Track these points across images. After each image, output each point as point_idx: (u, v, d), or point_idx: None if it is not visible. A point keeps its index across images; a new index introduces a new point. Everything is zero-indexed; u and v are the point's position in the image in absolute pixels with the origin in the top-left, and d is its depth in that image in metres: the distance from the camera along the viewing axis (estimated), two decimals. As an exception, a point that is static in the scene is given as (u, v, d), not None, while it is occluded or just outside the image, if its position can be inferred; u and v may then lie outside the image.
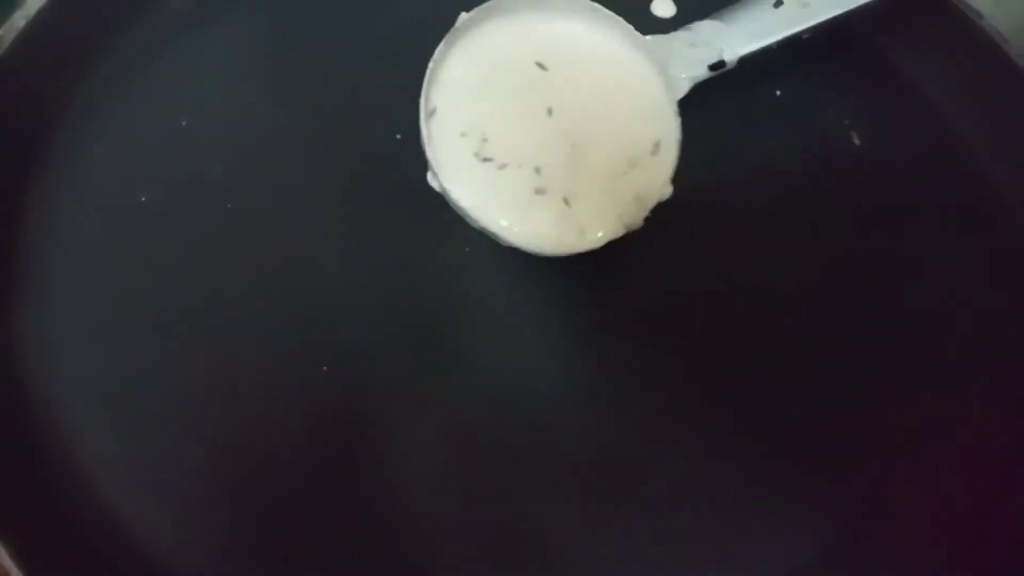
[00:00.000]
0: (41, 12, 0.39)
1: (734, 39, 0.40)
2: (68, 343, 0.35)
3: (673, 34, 0.40)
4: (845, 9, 0.41)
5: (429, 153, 0.36)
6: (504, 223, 0.36)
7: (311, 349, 0.36)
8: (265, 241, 0.38)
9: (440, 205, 0.37)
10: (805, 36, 0.41)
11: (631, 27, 0.38)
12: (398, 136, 0.41)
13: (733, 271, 0.39)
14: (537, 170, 0.36)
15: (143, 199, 0.39)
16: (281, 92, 0.42)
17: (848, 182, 0.42)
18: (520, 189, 0.36)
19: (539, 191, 0.36)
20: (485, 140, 0.37)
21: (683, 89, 0.39)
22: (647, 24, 0.40)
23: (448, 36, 0.37)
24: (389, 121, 0.41)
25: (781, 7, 0.41)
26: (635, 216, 0.37)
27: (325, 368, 0.36)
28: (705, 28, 0.41)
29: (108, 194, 0.39)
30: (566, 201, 0.36)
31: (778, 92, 0.45)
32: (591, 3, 0.38)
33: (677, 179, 0.40)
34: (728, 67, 0.40)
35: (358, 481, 0.34)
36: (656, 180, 0.38)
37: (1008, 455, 0.36)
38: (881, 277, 0.40)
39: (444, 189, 0.36)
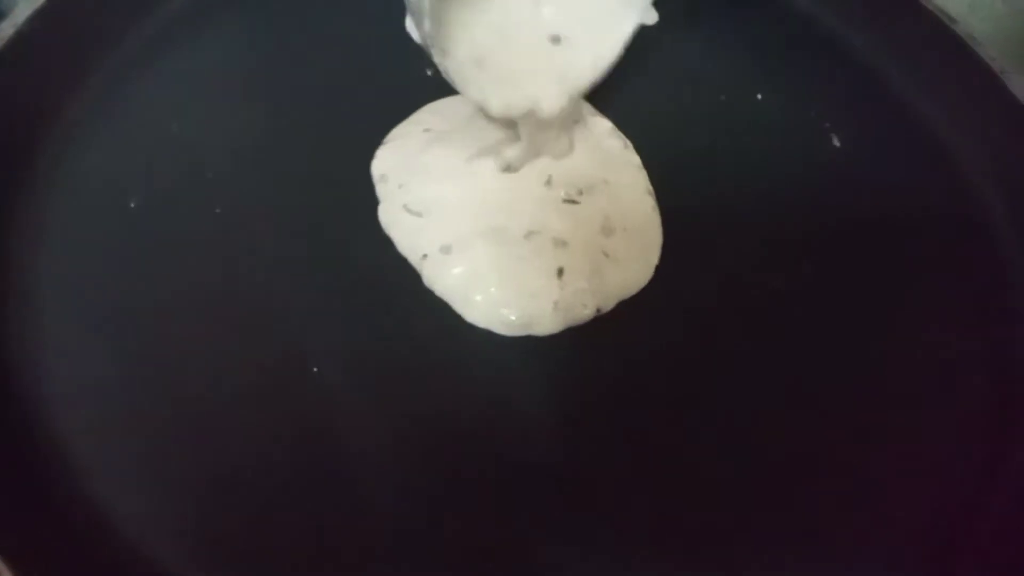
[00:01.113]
0: (29, 22, 0.40)
1: None
2: (59, 346, 0.35)
3: None
4: None
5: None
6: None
7: (300, 351, 0.36)
8: (254, 246, 0.38)
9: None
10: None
11: None
12: (388, 141, 0.41)
13: (716, 275, 0.39)
14: None
15: (133, 205, 0.39)
16: (271, 98, 0.43)
17: (829, 183, 0.43)
18: None
19: None
20: None
21: None
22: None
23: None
24: (381, 126, 0.42)
25: None
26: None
27: (315, 369, 0.35)
28: None
29: (99, 200, 0.39)
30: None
31: (759, 96, 0.45)
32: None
33: (659, 181, 0.41)
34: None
35: (344, 484, 0.33)
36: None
37: (999, 456, 0.36)
38: (864, 278, 0.40)
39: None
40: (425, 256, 0.38)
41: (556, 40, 0.38)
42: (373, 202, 0.40)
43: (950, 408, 0.37)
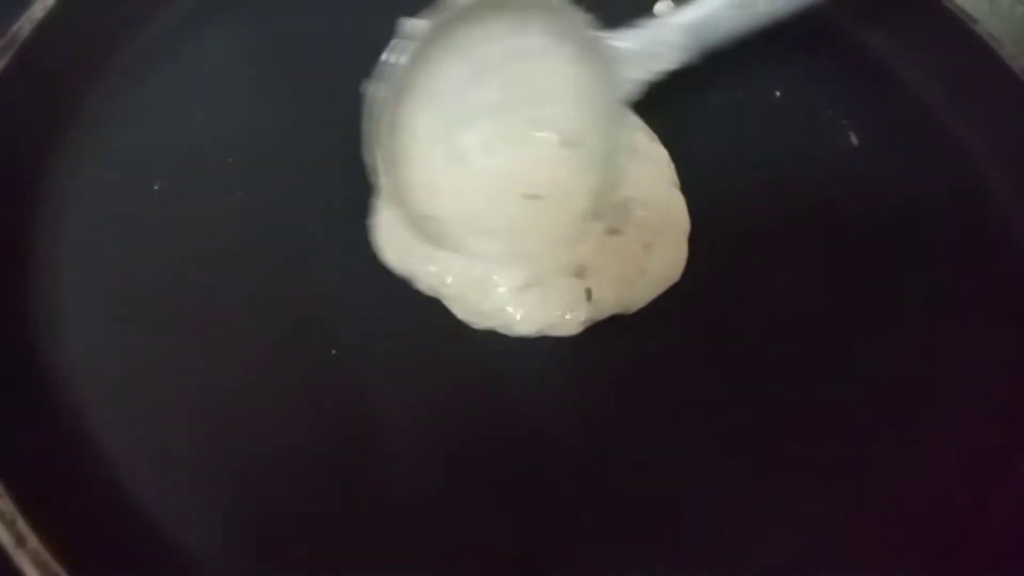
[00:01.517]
0: (58, 5, 0.40)
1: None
2: (84, 328, 0.35)
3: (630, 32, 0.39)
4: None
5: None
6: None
7: (318, 332, 0.36)
8: (274, 229, 0.39)
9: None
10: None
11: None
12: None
13: (731, 271, 0.40)
14: None
15: (156, 187, 0.39)
16: (290, 84, 0.43)
17: (847, 181, 0.43)
18: None
19: None
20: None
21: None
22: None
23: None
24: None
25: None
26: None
27: (333, 351, 0.36)
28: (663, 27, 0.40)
29: (122, 182, 0.39)
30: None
31: (777, 93, 0.46)
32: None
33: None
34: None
35: (357, 473, 0.34)
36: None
37: (999, 456, 0.36)
38: (878, 277, 0.40)
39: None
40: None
41: (534, 197, 0.38)
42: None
43: (950, 408, 0.37)
